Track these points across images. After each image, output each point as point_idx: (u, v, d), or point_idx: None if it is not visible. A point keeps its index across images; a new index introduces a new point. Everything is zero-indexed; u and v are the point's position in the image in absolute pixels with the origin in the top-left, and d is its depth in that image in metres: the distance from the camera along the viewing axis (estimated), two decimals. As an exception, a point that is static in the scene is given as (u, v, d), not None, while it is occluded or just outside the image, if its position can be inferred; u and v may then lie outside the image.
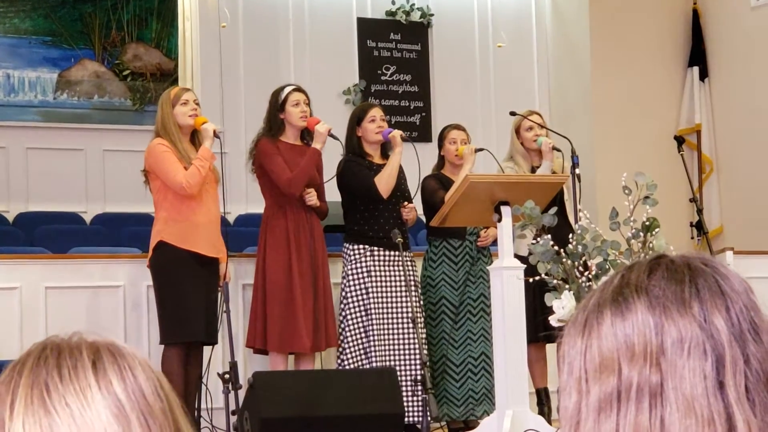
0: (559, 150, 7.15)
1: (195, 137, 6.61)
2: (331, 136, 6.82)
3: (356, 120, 7.15)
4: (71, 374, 1.13)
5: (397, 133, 7.01)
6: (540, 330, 6.39)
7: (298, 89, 6.94)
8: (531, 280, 5.59)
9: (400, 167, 7.08)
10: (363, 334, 6.86)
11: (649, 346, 1.12)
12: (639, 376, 1.12)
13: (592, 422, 1.13)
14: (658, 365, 1.11)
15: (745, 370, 1.11)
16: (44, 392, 1.12)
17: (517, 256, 6.21)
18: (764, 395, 1.11)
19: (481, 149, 7.18)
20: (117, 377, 1.14)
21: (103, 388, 1.13)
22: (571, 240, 5.45)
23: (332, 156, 7.24)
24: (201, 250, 6.44)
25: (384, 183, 6.96)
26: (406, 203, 7.10)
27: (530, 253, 5.53)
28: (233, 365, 6.07)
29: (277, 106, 6.91)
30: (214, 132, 6.50)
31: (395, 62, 10.43)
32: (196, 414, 6.45)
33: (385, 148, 7.15)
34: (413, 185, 7.23)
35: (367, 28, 10.38)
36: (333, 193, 7.14)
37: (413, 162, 6.81)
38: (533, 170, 7.23)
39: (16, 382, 1.14)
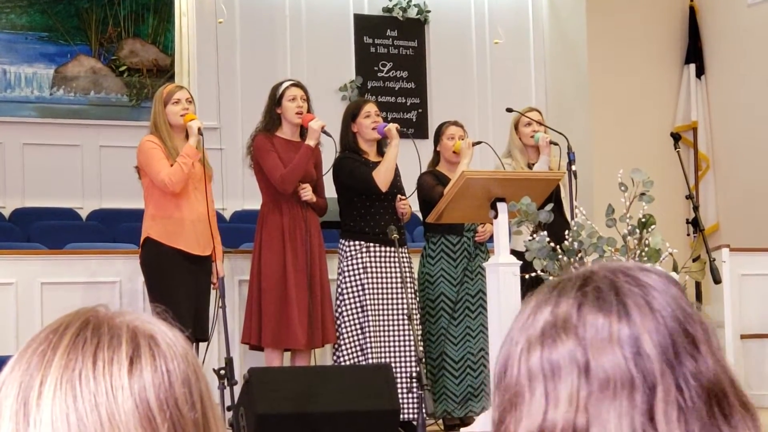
0: (556, 144, 7.15)
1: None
2: (325, 133, 6.80)
3: (351, 116, 7.12)
4: (105, 369, 1.09)
5: (392, 126, 6.98)
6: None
7: (297, 84, 6.92)
8: (527, 276, 5.58)
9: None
10: (359, 331, 6.85)
11: (574, 391, 1.09)
12: (564, 421, 1.09)
13: None
14: (585, 410, 1.09)
15: (678, 399, 1.08)
16: (77, 382, 1.08)
17: (514, 251, 6.20)
18: (704, 416, 1.09)
19: (478, 142, 7.17)
20: (151, 381, 1.10)
21: (135, 393, 1.09)
22: (567, 236, 5.44)
23: (330, 153, 7.23)
24: (186, 247, 6.42)
25: (382, 176, 6.93)
26: (400, 196, 7.08)
27: (527, 249, 5.53)
28: (229, 361, 6.06)
29: (274, 100, 6.90)
30: (199, 129, 6.49)
31: (392, 59, 10.42)
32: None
33: (381, 146, 7.11)
34: (412, 182, 7.22)
35: (364, 25, 10.37)
36: (330, 189, 7.13)
37: (409, 159, 6.80)
38: (530, 166, 7.23)
39: (50, 359, 1.10)
